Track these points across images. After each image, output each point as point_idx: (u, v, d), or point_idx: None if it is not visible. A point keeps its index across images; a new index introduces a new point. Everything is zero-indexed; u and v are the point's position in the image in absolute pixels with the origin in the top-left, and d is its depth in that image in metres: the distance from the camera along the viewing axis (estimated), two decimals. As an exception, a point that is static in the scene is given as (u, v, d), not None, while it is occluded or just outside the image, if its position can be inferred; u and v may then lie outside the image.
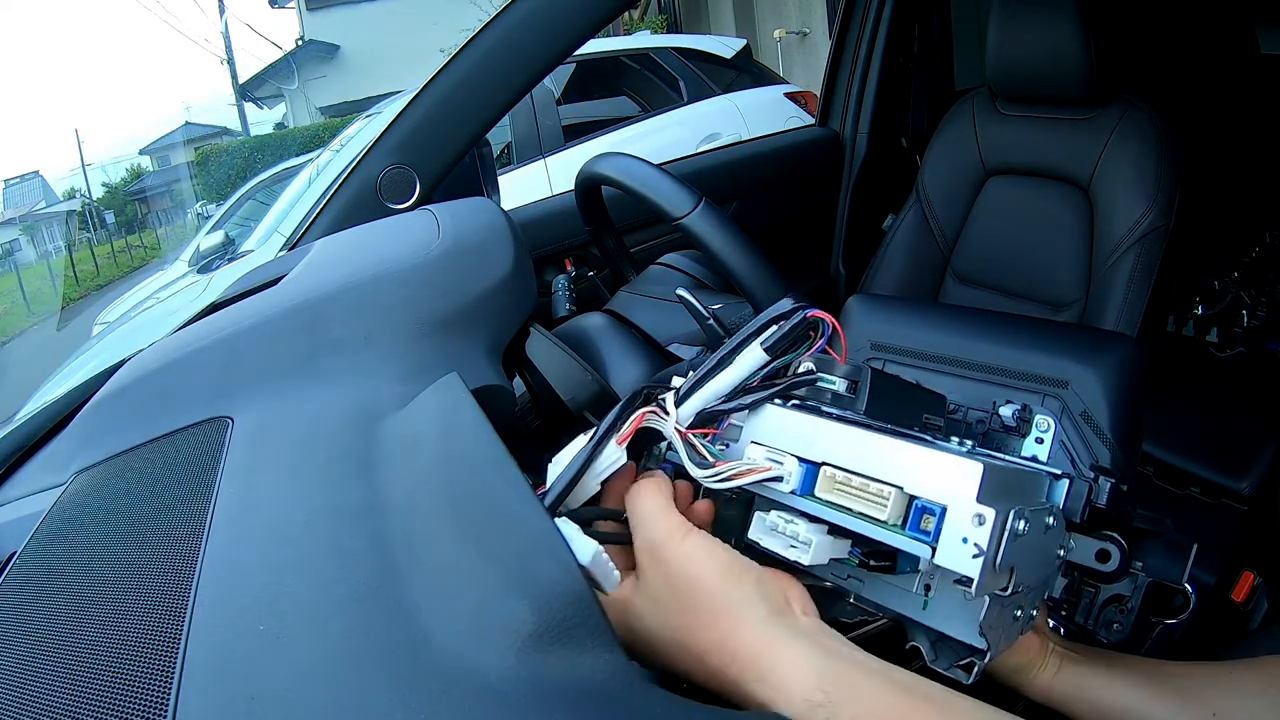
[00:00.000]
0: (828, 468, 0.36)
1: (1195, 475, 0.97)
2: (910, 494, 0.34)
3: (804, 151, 1.60)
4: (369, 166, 0.88)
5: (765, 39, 6.07)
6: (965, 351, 0.52)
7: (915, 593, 0.39)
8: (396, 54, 10.00)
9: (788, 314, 0.38)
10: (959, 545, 0.33)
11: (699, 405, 0.39)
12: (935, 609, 0.39)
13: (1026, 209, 1.26)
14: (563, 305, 0.97)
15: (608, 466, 0.37)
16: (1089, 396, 0.48)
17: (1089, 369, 0.49)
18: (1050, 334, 0.55)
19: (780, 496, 0.37)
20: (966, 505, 0.33)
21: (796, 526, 0.36)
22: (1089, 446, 0.47)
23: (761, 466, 0.37)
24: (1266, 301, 1.54)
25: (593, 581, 0.34)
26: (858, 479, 0.35)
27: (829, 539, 0.36)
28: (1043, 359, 0.50)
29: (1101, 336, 0.53)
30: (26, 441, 0.65)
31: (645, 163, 0.84)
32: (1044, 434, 0.45)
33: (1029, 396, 0.48)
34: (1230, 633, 0.84)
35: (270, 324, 0.54)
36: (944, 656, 0.40)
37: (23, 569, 0.43)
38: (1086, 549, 0.42)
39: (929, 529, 0.33)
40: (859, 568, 0.38)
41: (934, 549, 0.33)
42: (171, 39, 23.75)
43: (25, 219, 13.55)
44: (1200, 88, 1.56)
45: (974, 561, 0.32)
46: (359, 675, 0.30)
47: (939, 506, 0.33)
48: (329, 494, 0.39)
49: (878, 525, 0.34)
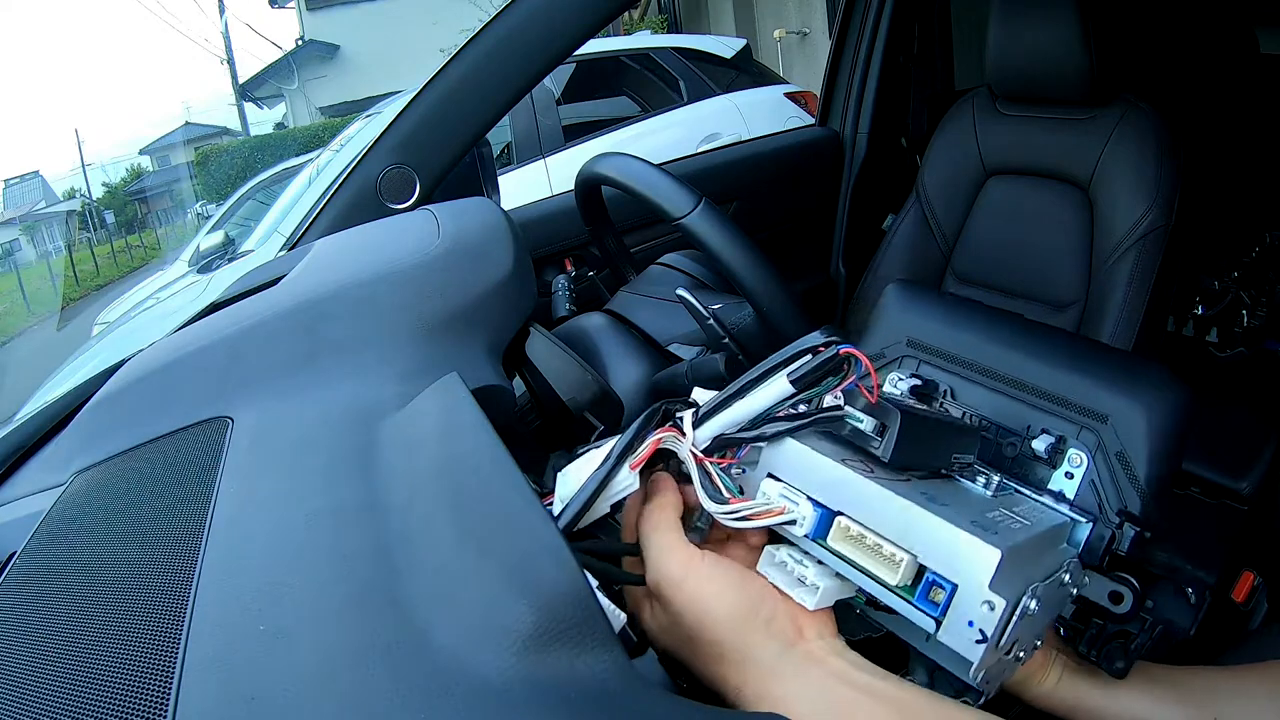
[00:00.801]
0: (843, 519, 0.35)
1: (1195, 475, 0.96)
2: (923, 564, 0.33)
3: (804, 151, 1.60)
4: (369, 166, 0.88)
5: (765, 39, 6.07)
6: (1006, 365, 0.48)
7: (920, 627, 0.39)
8: (396, 54, 10.01)
9: (819, 348, 0.37)
10: (964, 628, 0.32)
11: (717, 430, 0.38)
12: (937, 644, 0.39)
13: (1026, 209, 1.26)
14: (563, 305, 0.97)
15: (620, 491, 0.37)
16: (1129, 436, 0.44)
17: (1134, 406, 0.44)
18: (1098, 358, 0.50)
19: (791, 536, 0.36)
20: (978, 590, 0.32)
21: (805, 569, 0.36)
22: (1119, 490, 0.43)
23: (776, 508, 0.36)
24: (1266, 301, 1.54)
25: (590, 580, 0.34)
26: (873, 537, 0.34)
27: (836, 583, 0.36)
28: (1086, 387, 0.46)
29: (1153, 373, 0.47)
30: (26, 441, 0.65)
31: (645, 163, 0.84)
32: (1075, 469, 0.44)
33: (1064, 425, 0.45)
34: (1230, 633, 0.84)
35: (270, 324, 0.54)
36: (940, 687, 0.39)
37: (23, 569, 0.43)
38: (1100, 588, 0.41)
39: (938, 601, 0.33)
40: (866, 606, 0.38)
41: (939, 623, 0.33)
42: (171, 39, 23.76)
43: (25, 219, 13.55)
44: (1200, 88, 1.56)
45: (976, 646, 0.32)
46: (359, 675, 0.30)
47: (950, 584, 0.33)
48: (329, 494, 0.39)
49: (886, 588, 0.34)
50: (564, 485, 0.38)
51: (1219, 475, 0.97)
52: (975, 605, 0.32)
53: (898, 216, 1.40)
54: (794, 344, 0.37)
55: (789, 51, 5.85)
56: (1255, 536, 0.91)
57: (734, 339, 0.75)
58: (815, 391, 0.37)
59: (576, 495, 0.36)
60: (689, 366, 0.72)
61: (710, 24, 7.14)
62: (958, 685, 0.38)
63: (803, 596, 0.35)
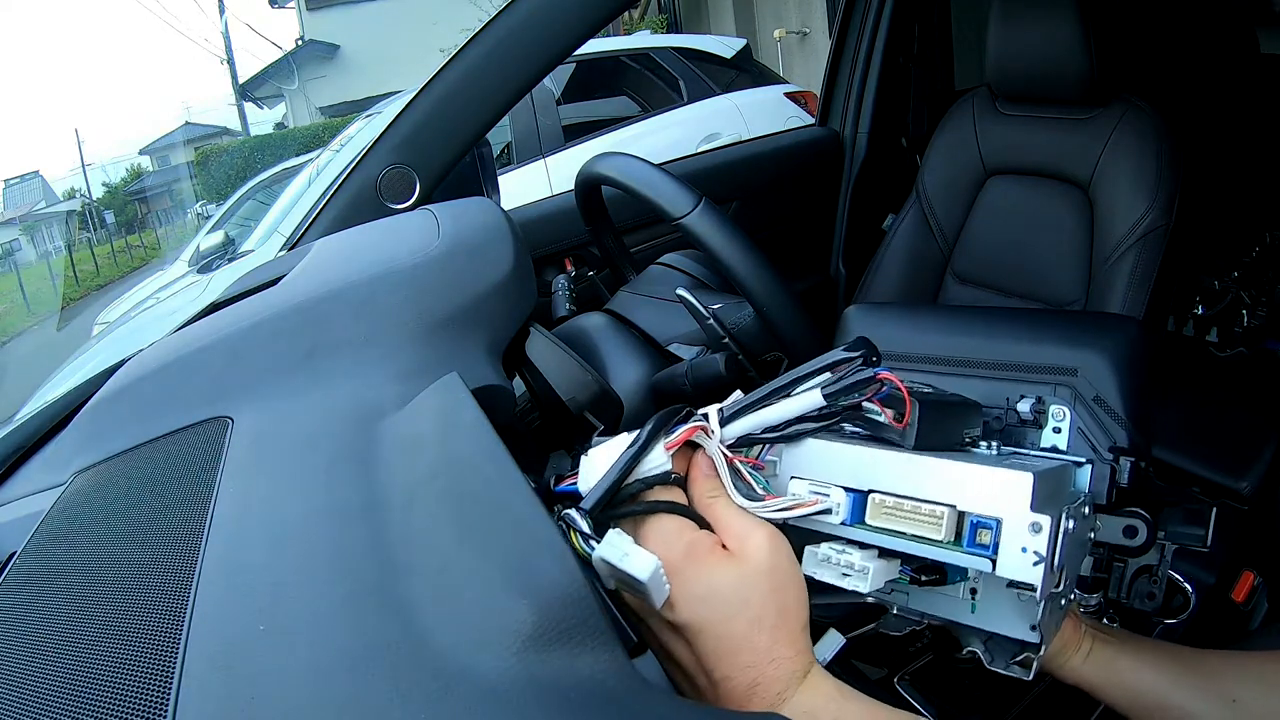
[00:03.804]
0: (876, 494, 0.36)
1: (1195, 475, 0.96)
2: (963, 510, 0.34)
3: (804, 151, 1.60)
4: (369, 166, 0.88)
5: (765, 39, 6.07)
6: (971, 351, 0.52)
7: (962, 598, 0.40)
8: (396, 54, 9.99)
9: (849, 362, 0.37)
10: (1019, 555, 0.33)
11: (743, 430, 0.38)
12: (984, 611, 0.40)
13: (1027, 209, 1.26)
14: (563, 305, 0.97)
15: (651, 469, 0.36)
16: (1099, 380, 0.48)
17: (1096, 353, 0.49)
18: (1053, 323, 0.55)
19: (830, 529, 0.37)
20: (1022, 516, 0.33)
21: (850, 556, 0.36)
22: (1105, 430, 0.47)
23: (809, 500, 0.36)
24: (1266, 301, 1.54)
25: (646, 596, 0.33)
26: (909, 502, 0.35)
27: (883, 563, 0.36)
28: (1050, 349, 0.50)
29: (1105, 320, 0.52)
30: (26, 441, 0.65)
31: (645, 162, 0.84)
32: (1061, 423, 0.46)
33: (1040, 388, 0.49)
34: (1230, 633, 0.84)
35: (270, 324, 0.54)
36: (998, 656, 0.41)
37: (23, 569, 0.43)
38: (1114, 527, 0.43)
39: (986, 543, 0.34)
40: (910, 584, 0.39)
41: (994, 561, 0.34)
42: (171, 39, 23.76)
43: (25, 219, 13.56)
44: (1200, 88, 1.56)
45: (1035, 569, 0.33)
46: (359, 675, 0.30)
47: (994, 520, 0.34)
48: (329, 494, 0.39)
49: (934, 545, 0.35)
50: (588, 467, 0.37)
51: (1219, 475, 0.97)
52: (1023, 531, 0.33)
53: (898, 216, 1.40)
54: (825, 355, 0.38)
55: (789, 51, 5.85)
56: (1255, 536, 0.91)
57: (734, 339, 0.75)
58: (843, 402, 0.38)
59: (604, 477, 0.35)
60: (689, 366, 0.72)
61: (710, 24, 7.14)
62: (1014, 649, 0.40)
63: (855, 584, 0.36)
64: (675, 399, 0.41)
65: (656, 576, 0.32)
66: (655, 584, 0.33)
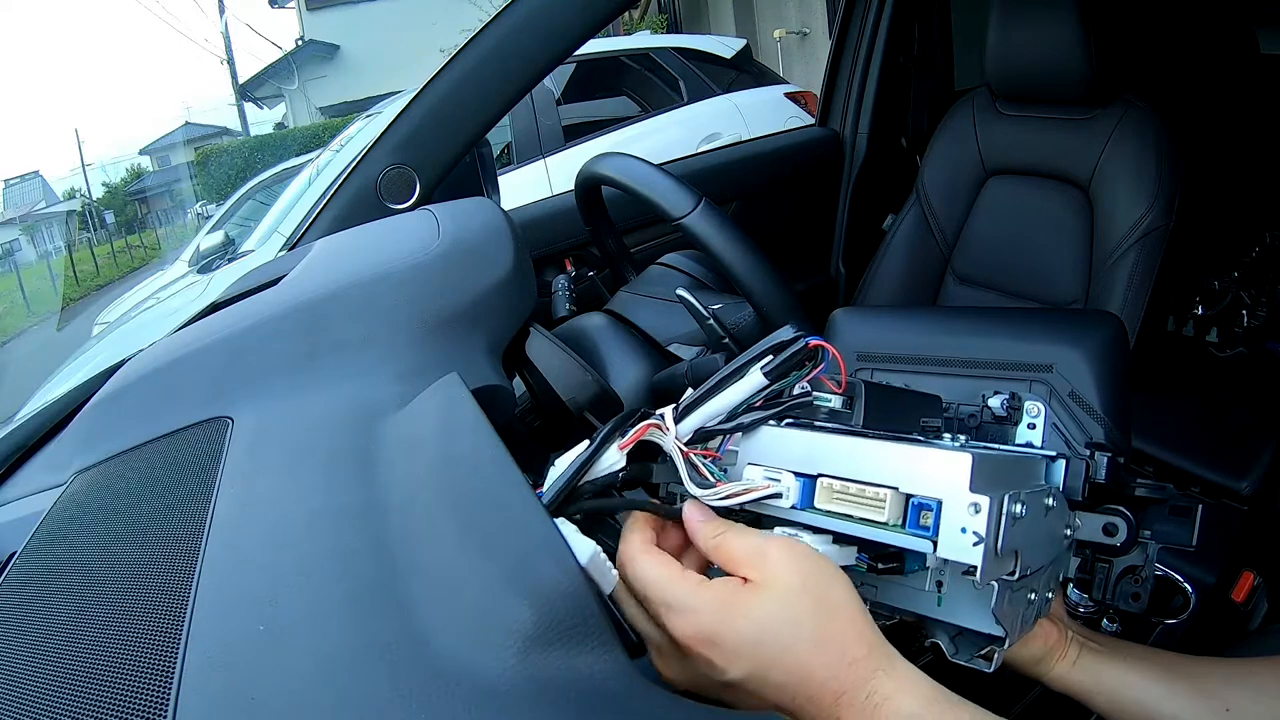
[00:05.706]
0: (824, 478, 0.37)
1: (1195, 475, 0.96)
2: (906, 493, 0.35)
3: (804, 151, 1.60)
4: (369, 166, 0.88)
5: (765, 39, 6.06)
6: (950, 350, 0.52)
7: (928, 590, 0.40)
8: (396, 54, 9.99)
9: (789, 342, 0.39)
10: (958, 536, 0.33)
11: (697, 423, 0.39)
12: (950, 604, 0.40)
13: (1027, 209, 1.26)
14: (563, 305, 0.97)
15: (606, 469, 0.37)
16: (1074, 376, 0.48)
17: (1070, 349, 0.49)
18: (1030, 321, 0.55)
19: (782, 512, 0.37)
20: (960, 496, 0.33)
21: (802, 540, 0.36)
22: (1081, 426, 0.47)
23: (760, 485, 0.37)
24: (1266, 301, 1.54)
25: (590, 581, 0.34)
26: (855, 486, 0.36)
27: (835, 548, 0.37)
28: (1025, 346, 0.50)
29: (1081, 317, 0.52)
30: (26, 441, 0.65)
31: (645, 163, 0.84)
32: (1035, 419, 0.46)
33: (1017, 385, 0.49)
34: (1230, 633, 0.84)
35: (270, 324, 0.54)
36: (964, 649, 0.41)
37: (23, 569, 0.43)
38: (1093, 525, 0.43)
39: (928, 524, 0.34)
40: (869, 572, 0.39)
41: (935, 543, 0.34)
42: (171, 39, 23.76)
43: (25, 219, 13.55)
44: (1200, 88, 1.55)
45: (975, 550, 0.33)
46: (359, 675, 0.30)
47: (934, 501, 0.34)
48: (329, 494, 0.39)
49: (879, 527, 0.35)
50: (554, 475, 0.38)
51: (1219, 475, 0.97)
52: (962, 511, 0.33)
53: (898, 216, 1.40)
54: (764, 340, 0.39)
55: (789, 51, 5.85)
56: (1255, 536, 0.91)
57: (734, 339, 0.75)
58: (786, 382, 0.39)
59: (561, 474, 0.37)
60: (689, 366, 0.72)
61: (710, 24, 7.14)
62: (980, 643, 0.40)
63: None
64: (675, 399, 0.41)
65: (595, 560, 0.33)
66: (595, 568, 0.33)
